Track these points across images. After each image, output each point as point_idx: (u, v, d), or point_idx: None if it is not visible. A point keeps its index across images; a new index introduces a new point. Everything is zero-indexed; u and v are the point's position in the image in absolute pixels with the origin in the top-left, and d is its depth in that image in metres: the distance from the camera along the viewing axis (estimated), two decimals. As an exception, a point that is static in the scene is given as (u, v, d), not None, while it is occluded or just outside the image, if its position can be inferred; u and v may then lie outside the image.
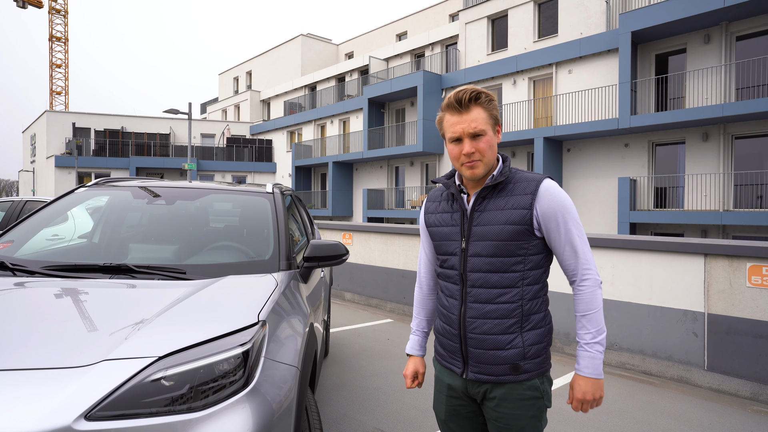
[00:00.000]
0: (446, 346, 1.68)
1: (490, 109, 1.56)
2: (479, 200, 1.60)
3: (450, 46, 23.92)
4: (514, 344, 1.55)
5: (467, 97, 1.53)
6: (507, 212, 1.55)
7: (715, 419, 3.58)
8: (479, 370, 1.58)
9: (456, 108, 1.56)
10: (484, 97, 1.55)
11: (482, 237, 1.57)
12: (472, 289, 1.58)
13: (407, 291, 6.89)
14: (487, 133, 1.55)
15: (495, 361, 1.55)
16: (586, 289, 1.56)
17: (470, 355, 1.59)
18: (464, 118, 1.54)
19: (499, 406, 1.57)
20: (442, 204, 1.71)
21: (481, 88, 1.58)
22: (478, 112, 1.54)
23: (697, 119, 13.94)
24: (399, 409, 3.60)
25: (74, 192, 3.02)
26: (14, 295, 2.03)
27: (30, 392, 1.38)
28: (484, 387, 1.59)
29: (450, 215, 1.66)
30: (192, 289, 2.03)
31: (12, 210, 6.62)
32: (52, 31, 46.95)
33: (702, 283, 4.19)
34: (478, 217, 1.59)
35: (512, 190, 1.57)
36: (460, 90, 1.56)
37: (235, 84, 40.60)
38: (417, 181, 23.58)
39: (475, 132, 1.53)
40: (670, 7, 14.27)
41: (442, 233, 1.68)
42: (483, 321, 1.56)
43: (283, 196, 3.12)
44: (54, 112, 32.42)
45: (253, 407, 1.56)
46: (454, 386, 1.67)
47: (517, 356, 1.54)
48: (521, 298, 1.55)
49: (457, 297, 1.62)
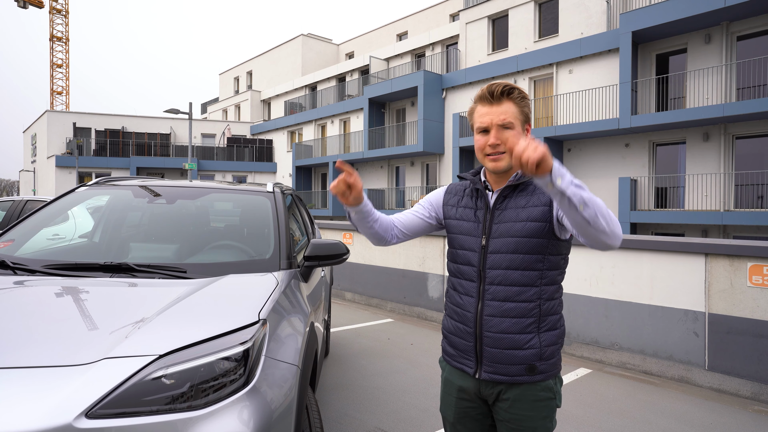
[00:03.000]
0: (457, 345, 1.64)
1: (522, 105, 1.55)
2: (501, 198, 1.59)
3: (450, 46, 23.91)
4: (532, 344, 1.53)
5: (500, 90, 1.53)
6: (528, 210, 1.54)
7: (716, 419, 3.58)
8: (494, 370, 1.56)
9: (488, 99, 1.55)
10: (517, 93, 1.54)
11: (503, 234, 1.56)
12: (491, 286, 1.56)
13: (408, 291, 6.89)
14: (515, 127, 1.53)
15: (511, 361, 1.53)
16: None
17: (485, 354, 1.56)
18: (494, 110, 1.53)
19: (513, 407, 1.56)
20: (465, 199, 1.69)
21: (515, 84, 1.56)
22: (509, 106, 1.53)
23: (698, 119, 13.93)
24: (399, 409, 3.60)
25: (74, 191, 3.02)
26: (15, 293, 2.03)
27: (31, 390, 1.39)
28: (498, 388, 1.57)
29: (473, 211, 1.65)
30: (192, 287, 2.03)
31: (13, 210, 6.62)
32: (53, 31, 46.98)
33: (703, 282, 4.19)
34: (499, 215, 1.58)
35: (534, 190, 1.57)
36: (494, 83, 1.56)
37: (235, 84, 40.62)
38: (417, 181, 23.58)
39: (503, 123, 1.52)
40: (671, 7, 14.27)
41: (461, 227, 1.66)
42: (501, 319, 1.54)
43: (283, 195, 3.12)
44: (55, 112, 32.44)
45: (253, 406, 1.56)
46: (466, 388, 1.64)
47: (533, 357, 1.53)
48: (539, 298, 1.54)
49: (474, 294, 1.59)
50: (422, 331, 5.99)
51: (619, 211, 15.42)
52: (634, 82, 15.38)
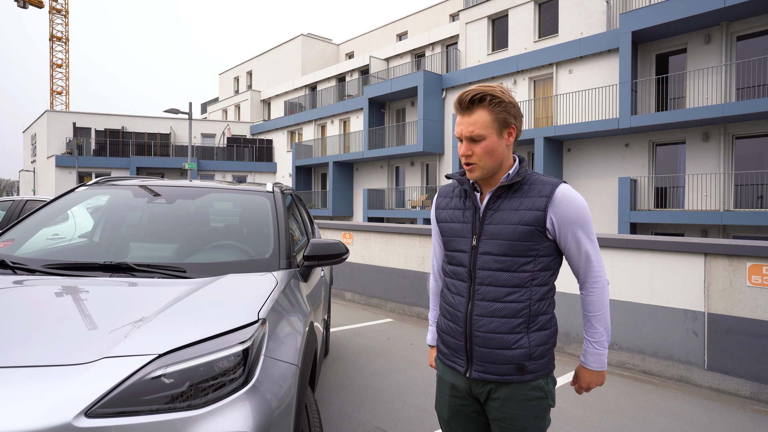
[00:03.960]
0: (450, 344, 1.66)
1: (497, 111, 1.51)
2: (493, 199, 1.59)
3: (450, 46, 23.91)
4: (521, 344, 1.54)
5: (469, 99, 1.51)
6: (521, 213, 1.54)
7: (715, 418, 3.58)
8: (484, 369, 1.57)
9: (458, 109, 1.55)
10: (490, 99, 1.50)
11: (494, 236, 1.56)
12: (481, 287, 1.57)
13: (407, 291, 6.90)
14: (486, 137, 1.51)
15: (500, 361, 1.54)
16: (596, 291, 1.61)
17: (475, 353, 1.58)
18: (465, 120, 1.53)
19: (503, 406, 1.56)
20: (454, 200, 1.69)
21: (496, 87, 1.52)
22: (480, 115, 1.51)
23: (698, 119, 13.94)
24: (399, 408, 3.61)
25: (74, 191, 3.02)
26: (15, 293, 2.03)
27: (31, 389, 1.39)
28: (488, 386, 1.58)
29: (462, 212, 1.65)
30: (192, 287, 2.03)
31: (12, 209, 6.62)
32: (53, 30, 46.98)
33: (702, 282, 4.19)
34: (490, 216, 1.58)
35: (527, 192, 1.56)
36: (465, 91, 1.53)
37: (235, 84, 40.61)
38: (417, 181, 23.58)
39: (471, 136, 1.52)
40: (671, 7, 14.27)
41: (452, 229, 1.66)
42: (490, 319, 1.55)
43: (283, 195, 3.12)
44: (55, 112, 32.42)
45: (252, 405, 1.56)
46: (458, 386, 1.65)
47: (522, 356, 1.54)
48: (529, 299, 1.54)
49: (465, 294, 1.60)
50: (422, 331, 6.00)
51: (619, 211, 15.43)
52: (633, 82, 15.38)
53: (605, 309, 1.61)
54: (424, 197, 22.09)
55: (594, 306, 1.61)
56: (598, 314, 1.61)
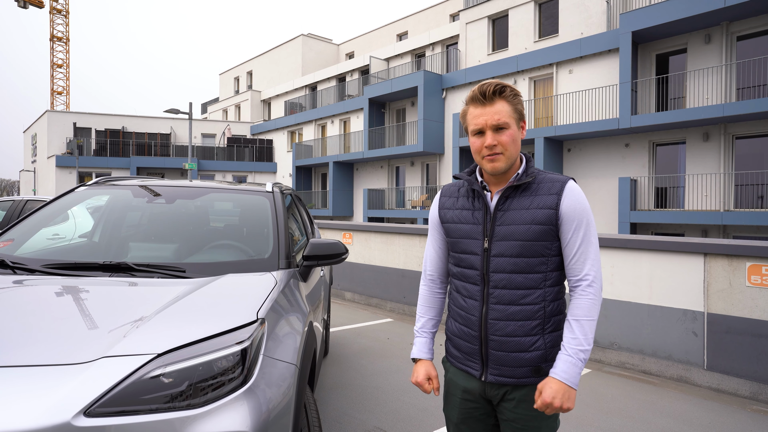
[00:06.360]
0: (462, 348, 1.63)
1: (515, 103, 1.54)
2: (503, 199, 1.56)
3: (450, 46, 23.91)
4: (537, 346, 1.53)
5: (491, 90, 1.52)
6: (532, 212, 1.52)
7: (715, 418, 3.58)
8: (500, 373, 1.55)
9: (480, 100, 1.53)
10: (509, 91, 1.53)
11: (507, 237, 1.54)
12: (495, 290, 1.54)
13: (407, 291, 6.90)
14: (510, 126, 1.52)
15: (517, 363, 1.53)
16: (589, 296, 1.52)
17: (491, 357, 1.56)
18: (487, 111, 1.52)
19: (518, 407, 1.55)
20: (461, 200, 1.65)
21: (506, 82, 1.56)
22: (502, 105, 1.52)
23: (698, 119, 13.93)
24: (399, 408, 3.61)
25: (74, 191, 3.03)
26: (14, 292, 2.04)
27: (30, 388, 1.39)
28: (504, 389, 1.57)
29: (471, 212, 1.61)
30: (191, 287, 2.03)
31: (13, 209, 6.62)
32: (53, 31, 46.99)
33: (702, 282, 4.19)
34: (501, 217, 1.55)
35: (536, 190, 1.54)
36: (484, 83, 1.54)
37: (235, 84, 40.62)
38: (417, 181, 23.58)
39: (498, 124, 1.51)
40: (671, 7, 14.26)
41: (461, 230, 1.62)
42: (506, 323, 1.53)
43: (282, 195, 3.13)
44: (55, 112, 32.44)
45: (251, 404, 1.56)
46: (470, 389, 1.63)
47: (539, 358, 1.53)
48: (544, 300, 1.53)
49: (478, 298, 1.57)
50: (422, 330, 5.99)
51: (619, 211, 15.43)
52: (634, 82, 15.38)
53: (593, 317, 1.51)
54: (424, 197, 22.09)
55: (583, 310, 1.50)
56: (584, 320, 1.49)
